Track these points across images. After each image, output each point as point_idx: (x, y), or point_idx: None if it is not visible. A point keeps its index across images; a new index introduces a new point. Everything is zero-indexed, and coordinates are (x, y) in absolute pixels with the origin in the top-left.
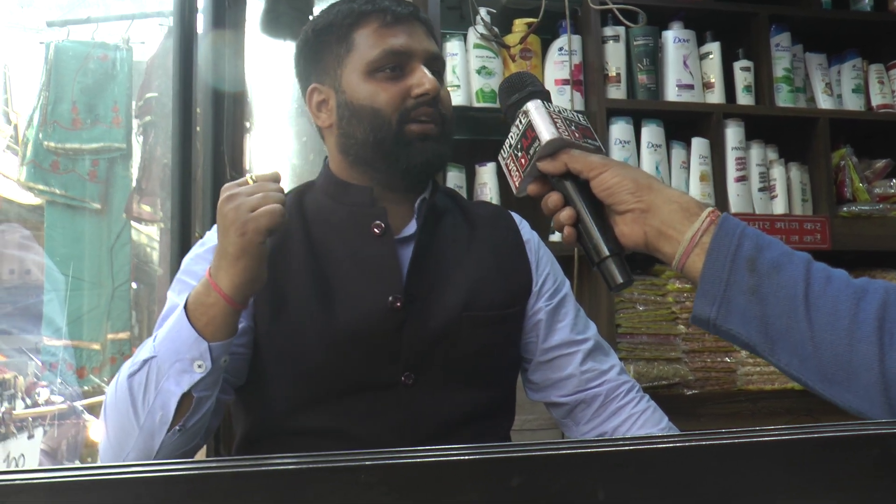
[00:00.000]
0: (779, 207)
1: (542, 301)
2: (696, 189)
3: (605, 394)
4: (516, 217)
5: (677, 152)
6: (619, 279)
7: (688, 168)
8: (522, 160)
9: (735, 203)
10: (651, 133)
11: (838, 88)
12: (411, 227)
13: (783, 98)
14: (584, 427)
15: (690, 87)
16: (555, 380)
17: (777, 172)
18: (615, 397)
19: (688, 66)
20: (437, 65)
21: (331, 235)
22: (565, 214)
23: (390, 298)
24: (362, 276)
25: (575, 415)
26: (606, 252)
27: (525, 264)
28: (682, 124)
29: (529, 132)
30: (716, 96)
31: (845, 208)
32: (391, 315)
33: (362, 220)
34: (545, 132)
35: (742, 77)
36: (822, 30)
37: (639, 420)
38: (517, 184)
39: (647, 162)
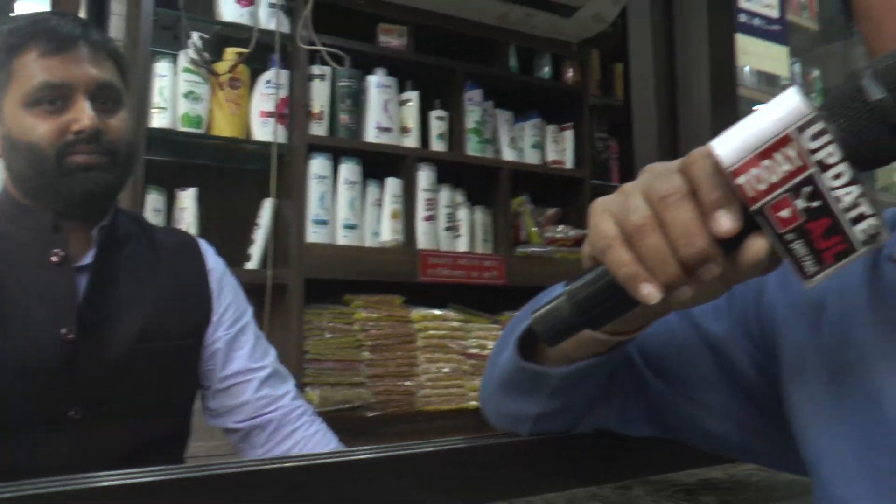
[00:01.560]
0: (462, 245)
1: (221, 330)
2: (388, 225)
3: (278, 419)
4: (203, 244)
5: (372, 190)
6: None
7: (381, 205)
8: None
9: (423, 240)
10: (349, 170)
11: (521, 143)
12: (90, 256)
13: (473, 147)
14: (259, 451)
15: (389, 129)
16: (231, 406)
17: (463, 214)
18: (288, 422)
19: (388, 111)
20: (106, 94)
21: (5, 262)
22: None
23: (63, 330)
24: (35, 306)
25: (250, 439)
26: None
27: (206, 293)
28: (379, 164)
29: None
30: (412, 140)
31: (520, 249)
32: (62, 347)
33: (41, 246)
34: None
35: (437, 125)
36: (511, 90)
37: (310, 443)
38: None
39: (343, 198)
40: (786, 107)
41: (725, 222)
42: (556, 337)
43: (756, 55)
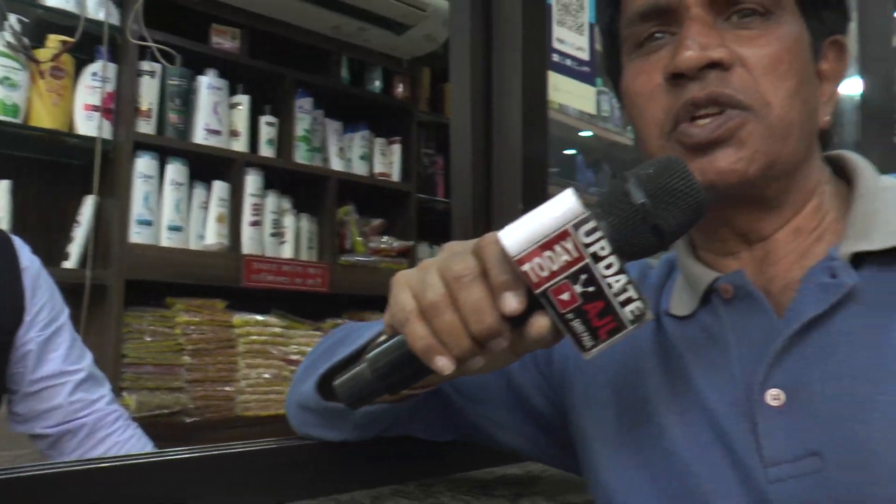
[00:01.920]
0: (287, 252)
1: (34, 331)
2: (213, 229)
3: (91, 424)
4: (18, 242)
5: (199, 192)
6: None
7: (207, 208)
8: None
9: (248, 245)
10: (175, 171)
11: (349, 153)
12: None
13: (301, 155)
14: (70, 458)
15: (218, 132)
16: (41, 411)
17: (289, 220)
18: (101, 427)
19: (218, 113)
20: None
21: None
22: None
23: None
24: None
25: (60, 445)
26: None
27: (19, 292)
28: (206, 166)
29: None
30: (240, 144)
31: (345, 258)
32: None
33: None
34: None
35: (266, 130)
36: (342, 101)
37: (123, 448)
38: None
39: (169, 199)
40: (564, 206)
41: (512, 303)
42: (358, 402)
43: (566, 92)
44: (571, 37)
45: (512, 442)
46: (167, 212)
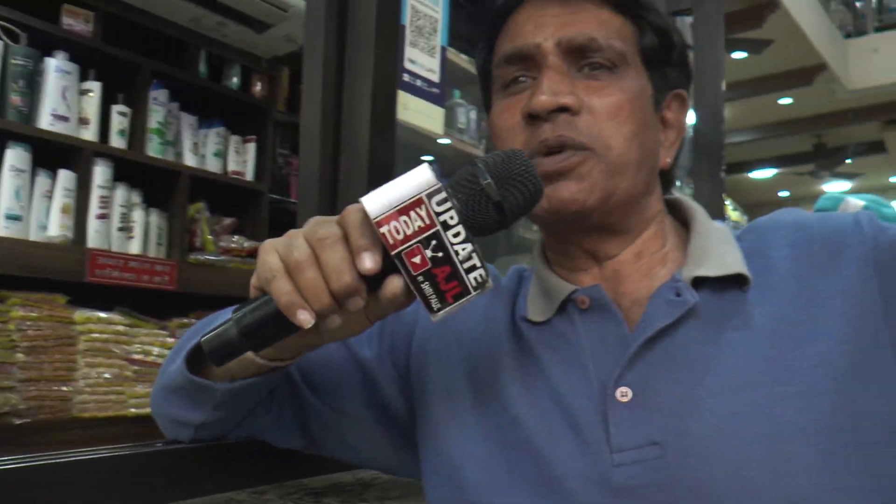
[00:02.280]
0: (135, 248)
1: None
2: (57, 220)
3: None
4: None
5: (42, 181)
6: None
7: (51, 198)
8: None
9: (93, 238)
10: (16, 157)
11: (204, 149)
12: None
13: (154, 148)
14: None
15: (66, 118)
16: None
17: (138, 215)
18: None
19: (66, 98)
20: None
21: None
22: None
23: None
24: None
25: None
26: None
27: None
28: (52, 154)
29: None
30: (90, 133)
31: (194, 256)
32: None
33: None
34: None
35: (118, 120)
36: (198, 95)
37: None
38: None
39: (8, 186)
40: (420, 177)
41: (369, 262)
42: (223, 357)
43: (415, 111)
44: (423, 58)
45: (358, 439)
46: (5, 199)
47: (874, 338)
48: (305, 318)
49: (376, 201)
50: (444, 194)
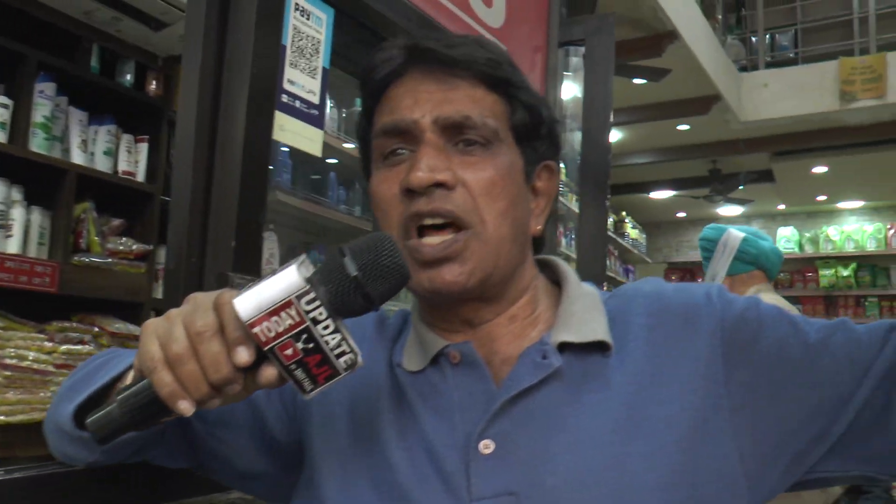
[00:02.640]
0: (13, 247)
1: None
2: None
3: None
4: None
5: None
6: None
7: None
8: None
9: None
10: None
11: (93, 147)
12: None
13: (38, 143)
14: None
15: None
16: None
17: (18, 213)
18: None
19: None
20: None
21: None
22: None
23: None
24: None
25: None
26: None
27: None
28: None
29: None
30: None
31: (78, 257)
32: None
33: None
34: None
35: None
36: (89, 90)
37: None
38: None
39: None
40: (288, 280)
41: (243, 356)
42: (108, 438)
43: (292, 133)
44: (304, 79)
45: (244, 470)
46: None
47: (715, 403)
48: (186, 408)
49: (248, 304)
50: (312, 294)
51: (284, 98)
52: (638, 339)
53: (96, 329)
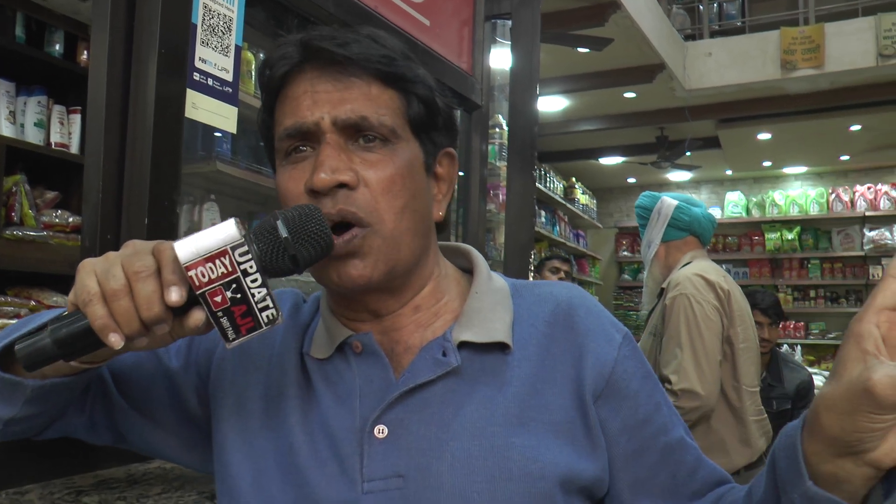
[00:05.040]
0: None
1: None
2: None
3: None
4: None
5: None
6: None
7: None
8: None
9: None
10: None
11: (22, 118)
12: None
13: None
14: None
15: None
16: None
17: None
18: None
19: None
20: None
21: None
22: None
23: None
24: None
25: None
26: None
27: None
28: None
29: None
30: None
31: (11, 231)
32: None
33: None
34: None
35: None
36: (15, 60)
37: None
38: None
39: None
40: (227, 231)
41: (175, 296)
42: (35, 365)
43: (205, 111)
44: (216, 57)
45: (163, 441)
46: None
47: (585, 414)
48: (116, 341)
49: (187, 248)
50: (245, 248)
51: (196, 76)
52: (536, 345)
53: (33, 303)
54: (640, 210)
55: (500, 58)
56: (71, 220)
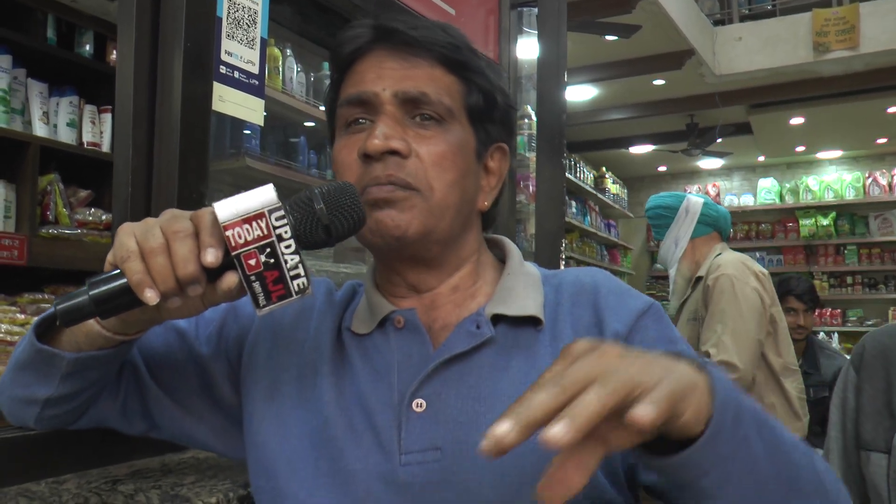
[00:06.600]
0: None
1: None
2: None
3: None
4: None
5: None
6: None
7: None
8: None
9: None
10: None
11: (55, 119)
12: None
13: None
14: None
15: None
16: None
17: None
18: None
19: None
20: None
21: None
22: None
23: None
24: None
25: None
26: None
27: None
28: None
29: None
30: None
31: (46, 229)
32: None
33: None
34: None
35: None
36: (47, 61)
37: None
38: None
39: None
40: (265, 195)
41: (211, 257)
42: (73, 320)
43: (233, 103)
44: (242, 50)
45: (195, 428)
46: None
47: None
48: (151, 296)
49: (227, 209)
50: (282, 212)
51: (223, 69)
52: (566, 324)
53: None
54: (661, 210)
55: (528, 48)
56: (104, 217)
